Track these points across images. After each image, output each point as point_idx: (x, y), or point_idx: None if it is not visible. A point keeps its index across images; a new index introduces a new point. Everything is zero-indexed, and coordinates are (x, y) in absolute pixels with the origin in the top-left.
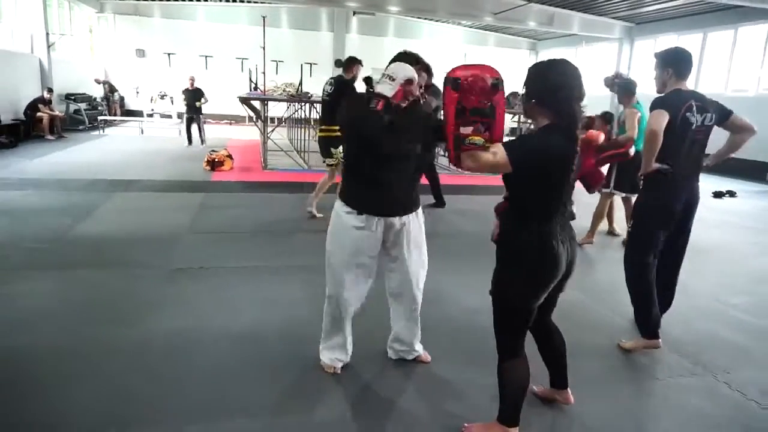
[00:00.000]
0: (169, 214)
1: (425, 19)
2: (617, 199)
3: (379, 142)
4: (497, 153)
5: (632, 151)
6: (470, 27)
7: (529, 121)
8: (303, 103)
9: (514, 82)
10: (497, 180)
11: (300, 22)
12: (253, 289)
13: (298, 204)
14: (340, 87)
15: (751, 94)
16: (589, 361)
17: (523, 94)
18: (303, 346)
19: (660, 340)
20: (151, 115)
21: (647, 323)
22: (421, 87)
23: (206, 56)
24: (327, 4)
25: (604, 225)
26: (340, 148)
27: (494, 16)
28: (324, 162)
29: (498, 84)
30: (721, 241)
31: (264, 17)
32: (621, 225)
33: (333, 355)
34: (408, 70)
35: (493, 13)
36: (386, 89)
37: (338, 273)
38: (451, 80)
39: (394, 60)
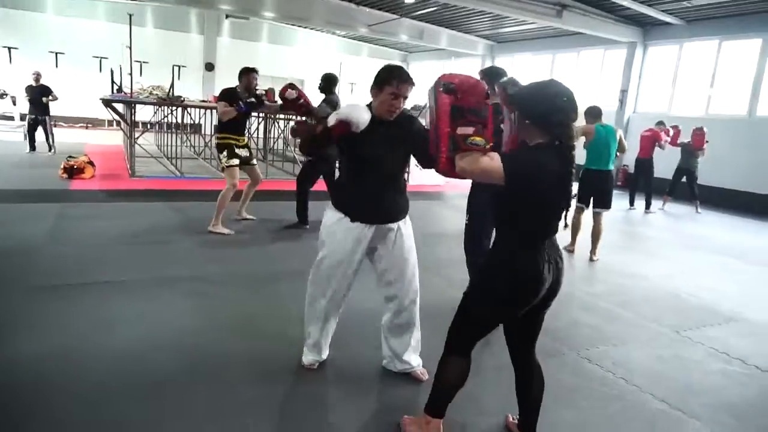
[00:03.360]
0: (20, 226)
1: (300, 26)
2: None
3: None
4: (494, 158)
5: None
6: (345, 37)
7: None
8: (175, 108)
9: None
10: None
11: (167, 21)
12: (130, 304)
13: (172, 213)
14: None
15: None
16: None
17: (515, 113)
18: (196, 358)
19: None
20: None
21: None
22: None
23: (57, 53)
24: (198, 5)
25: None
26: (225, 152)
27: (368, 28)
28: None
29: (488, 93)
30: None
31: (131, 15)
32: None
33: (312, 357)
34: None
35: (368, 24)
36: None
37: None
38: (443, 83)
39: (385, 75)
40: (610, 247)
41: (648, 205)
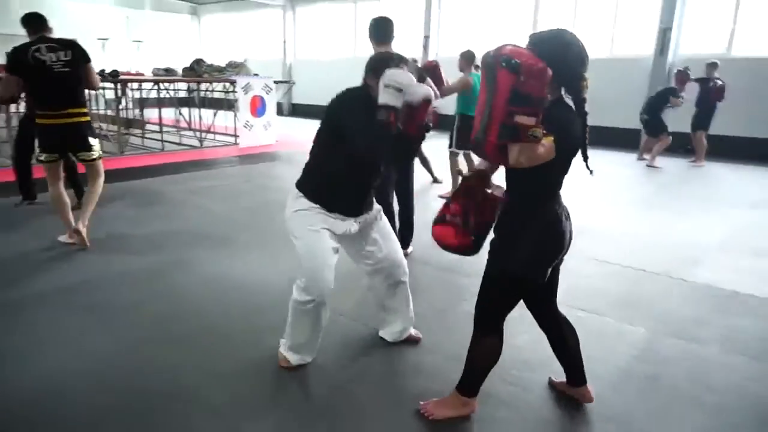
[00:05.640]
0: None
1: None
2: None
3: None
4: (546, 146)
5: None
6: None
7: None
8: None
9: (174, 51)
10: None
11: None
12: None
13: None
14: (83, 54)
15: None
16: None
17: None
18: (142, 378)
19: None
20: None
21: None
22: None
23: None
24: None
25: None
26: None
27: None
28: (88, 157)
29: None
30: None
31: None
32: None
33: (299, 356)
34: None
35: None
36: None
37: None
38: (505, 58)
39: (383, 60)
40: None
41: None
